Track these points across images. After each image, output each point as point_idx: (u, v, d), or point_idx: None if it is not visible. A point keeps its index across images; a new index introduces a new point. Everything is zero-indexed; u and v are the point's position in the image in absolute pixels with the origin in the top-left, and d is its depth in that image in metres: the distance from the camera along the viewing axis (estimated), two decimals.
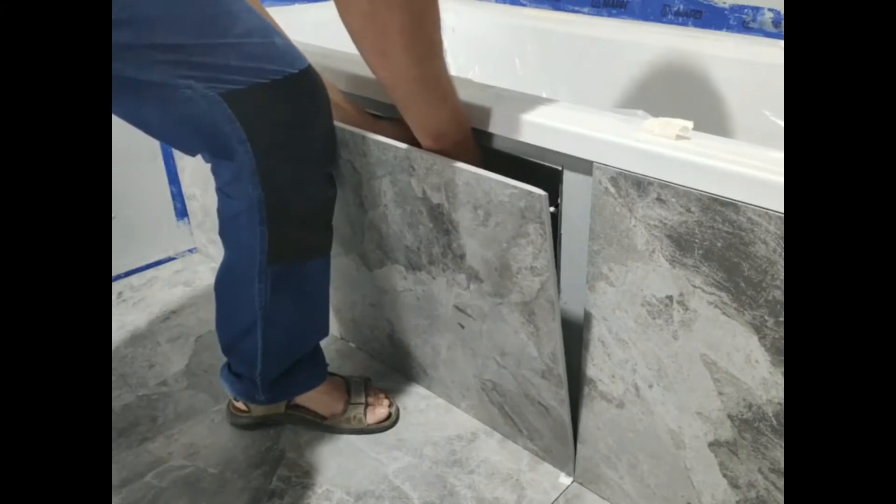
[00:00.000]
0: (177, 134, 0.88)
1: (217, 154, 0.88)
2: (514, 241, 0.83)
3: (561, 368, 0.90)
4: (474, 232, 0.88)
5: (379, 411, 1.14)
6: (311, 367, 1.09)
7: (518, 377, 0.98)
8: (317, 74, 0.88)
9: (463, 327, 1.02)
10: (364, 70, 1.00)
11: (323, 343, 1.09)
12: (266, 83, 0.82)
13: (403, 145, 0.90)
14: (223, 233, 0.95)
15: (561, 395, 0.93)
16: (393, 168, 0.93)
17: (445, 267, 0.97)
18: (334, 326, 1.35)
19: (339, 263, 1.18)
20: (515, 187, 0.78)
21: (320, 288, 1.04)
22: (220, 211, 0.93)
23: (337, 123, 0.96)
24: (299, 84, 0.85)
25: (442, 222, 0.92)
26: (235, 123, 0.82)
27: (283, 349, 1.03)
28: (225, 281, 0.99)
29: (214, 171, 0.91)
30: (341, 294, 1.26)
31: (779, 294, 0.68)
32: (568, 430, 0.97)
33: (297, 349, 1.05)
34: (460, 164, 0.84)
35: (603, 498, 1.00)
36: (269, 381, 1.04)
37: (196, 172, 1.50)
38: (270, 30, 0.84)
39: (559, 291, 0.91)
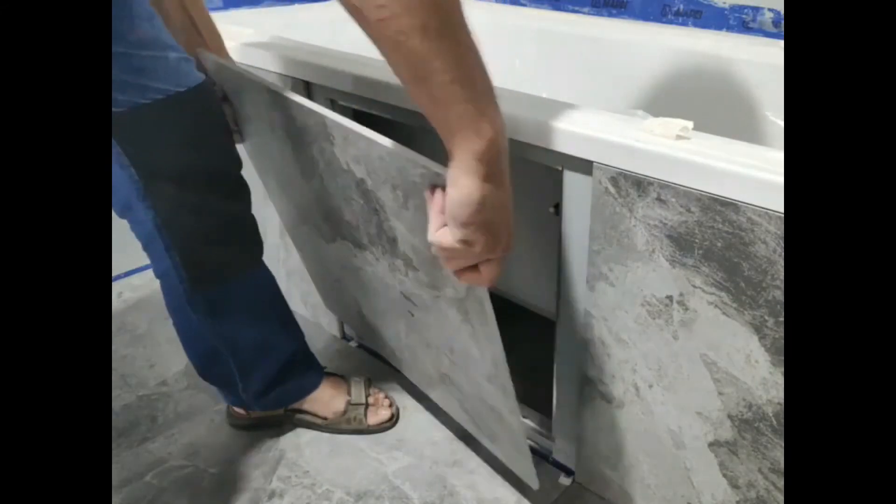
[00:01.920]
0: None
1: None
2: None
3: (504, 378, 0.83)
4: (399, 214, 0.77)
5: (381, 413, 1.14)
6: (301, 375, 1.08)
7: (468, 376, 0.92)
8: (210, 90, 0.84)
9: (413, 315, 0.95)
10: (364, 70, 1.00)
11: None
12: (148, 103, 0.77)
13: (319, 107, 0.78)
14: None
15: (510, 405, 0.86)
16: (316, 136, 0.83)
17: (384, 250, 0.88)
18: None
19: (300, 232, 1.14)
20: (425, 167, 0.65)
21: (268, 297, 0.99)
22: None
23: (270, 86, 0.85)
24: (187, 103, 0.81)
25: (370, 200, 0.82)
26: (116, 149, 0.79)
27: (257, 365, 1.00)
28: (171, 314, 0.95)
29: (112, 203, 0.86)
30: (314, 265, 1.21)
31: (779, 294, 0.68)
32: (523, 442, 0.92)
33: (274, 360, 1.03)
34: (373, 135, 0.71)
35: (603, 498, 1.00)
36: (256, 395, 1.03)
37: None
38: (166, 43, 0.79)
39: (560, 291, 0.91)
